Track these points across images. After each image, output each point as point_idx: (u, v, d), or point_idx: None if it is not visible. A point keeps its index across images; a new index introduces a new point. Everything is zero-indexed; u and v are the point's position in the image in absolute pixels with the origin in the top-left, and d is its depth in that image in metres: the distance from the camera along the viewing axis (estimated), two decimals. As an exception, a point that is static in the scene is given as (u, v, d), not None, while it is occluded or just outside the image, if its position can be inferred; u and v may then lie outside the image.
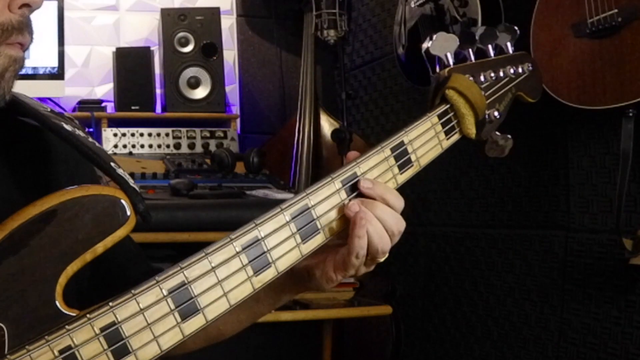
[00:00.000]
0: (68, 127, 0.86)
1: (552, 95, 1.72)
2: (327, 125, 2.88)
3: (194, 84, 2.95)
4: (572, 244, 1.90)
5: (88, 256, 0.74)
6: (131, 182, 0.80)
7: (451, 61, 1.00)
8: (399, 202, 0.89)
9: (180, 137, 2.92)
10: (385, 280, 2.61)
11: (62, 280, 0.72)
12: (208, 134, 2.95)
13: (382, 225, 0.87)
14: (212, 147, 2.92)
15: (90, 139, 0.86)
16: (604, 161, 1.81)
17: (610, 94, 1.62)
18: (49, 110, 0.89)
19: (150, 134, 2.89)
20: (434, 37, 0.99)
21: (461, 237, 2.34)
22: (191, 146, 2.92)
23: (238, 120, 3.12)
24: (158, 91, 3.03)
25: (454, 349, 2.36)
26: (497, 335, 2.17)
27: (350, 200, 0.87)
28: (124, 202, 0.76)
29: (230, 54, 3.18)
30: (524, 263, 2.06)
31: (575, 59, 1.70)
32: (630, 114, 1.63)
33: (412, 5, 2.27)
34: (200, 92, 2.96)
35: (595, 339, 1.81)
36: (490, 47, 1.05)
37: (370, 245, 0.86)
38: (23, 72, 0.86)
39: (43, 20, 2.75)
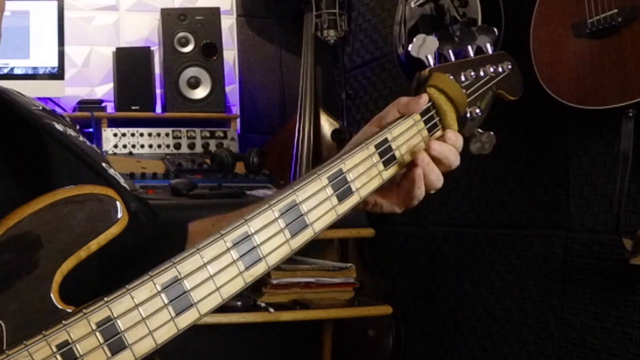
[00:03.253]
0: (59, 127, 0.86)
1: (552, 95, 1.72)
2: (327, 125, 2.88)
3: (194, 84, 2.95)
4: (572, 244, 1.90)
5: (82, 254, 0.75)
6: (122, 181, 0.81)
7: (432, 62, 1.03)
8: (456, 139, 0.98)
9: (180, 137, 2.93)
10: (385, 280, 2.61)
11: (58, 277, 0.73)
12: (208, 134, 2.96)
13: (439, 169, 0.96)
14: (212, 147, 2.92)
15: (81, 138, 0.86)
16: (604, 161, 1.81)
17: (610, 94, 1.62)
18: (40, 108, 0.89)
19: (150, 134, 2.89)
20: (414, 39, 1.03)
21: (461, 237, 2.34)
22: (191, 146, 2.93)
23: (238, 120, 3.12)
24: (158, 91, 3.03)
25: (454, 349, 2.35)
26: (497, 335, 2.16)
27: (335, 195, 0.89)
28: (117, 201, 0.77)
29: (230, 54, 3.18)
30: (524, 263, 2.06)
31: (575, 59, 1.70)
32: (630, 114, 1.63)
33: (412, 5, 2.26)
34: (200, 92, 2.96)
35: (595, 339, 1.81)
36: (470, 48, 1.09)
37: (430, 185, 0.96)
38: (23, 72, 0.86)
39: (43, 20, 2.76)
